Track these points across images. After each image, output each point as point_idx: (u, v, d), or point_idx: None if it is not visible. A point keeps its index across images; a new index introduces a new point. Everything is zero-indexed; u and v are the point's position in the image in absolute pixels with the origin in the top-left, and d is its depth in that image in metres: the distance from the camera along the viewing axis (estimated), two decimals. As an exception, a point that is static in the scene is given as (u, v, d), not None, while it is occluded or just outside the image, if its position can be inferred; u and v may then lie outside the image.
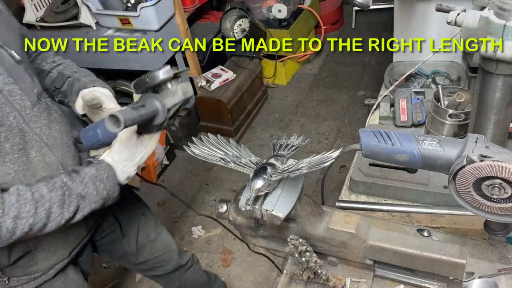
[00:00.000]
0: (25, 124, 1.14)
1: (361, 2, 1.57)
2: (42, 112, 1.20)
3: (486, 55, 1.00)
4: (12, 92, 1.11)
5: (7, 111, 1.09)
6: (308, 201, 0.98)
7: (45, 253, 1.27)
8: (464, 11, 1.04)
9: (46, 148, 1.19)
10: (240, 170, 0.91)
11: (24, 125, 1.13)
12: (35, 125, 1.17)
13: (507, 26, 0.94)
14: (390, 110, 1.80)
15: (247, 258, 2.59)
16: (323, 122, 3.50)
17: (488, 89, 1.07)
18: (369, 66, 3.95)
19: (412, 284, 1.02)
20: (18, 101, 1.13)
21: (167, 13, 2.93)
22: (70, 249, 1.33)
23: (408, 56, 2.06)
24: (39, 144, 1.17)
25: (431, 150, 0.84)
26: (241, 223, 1.05)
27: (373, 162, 1.46)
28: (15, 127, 1.11)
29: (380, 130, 0.89)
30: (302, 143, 1.02)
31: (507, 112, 1.10)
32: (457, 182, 0.82)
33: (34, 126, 1.16)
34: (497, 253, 1.00)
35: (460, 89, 1.62)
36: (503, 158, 0.76)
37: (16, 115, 1.11)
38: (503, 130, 1.16)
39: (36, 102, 1.19)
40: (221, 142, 0.97)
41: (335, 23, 4.46)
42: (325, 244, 1.00)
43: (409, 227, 1.04)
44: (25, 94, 1.15)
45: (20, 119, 1.13)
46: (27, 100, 1.15)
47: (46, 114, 1.22)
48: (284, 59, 3.82)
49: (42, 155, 1.17)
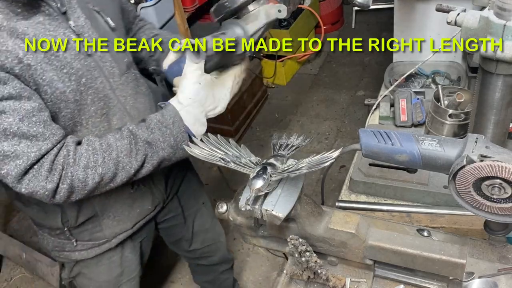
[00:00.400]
0: (111, 91, 1.16)
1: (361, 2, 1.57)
2: (130, 82, 1.22)
3: (486, 55, 1.00)
4: (103, 58, 1.14)
5: (96, 75, 1.12)
6: (308, 201, 0.98)
7: (110, 220, 1.30)
8: (464, 11, 1.04)
9: (128, 117, 1.20)
10: (240, 170, 0.91)
11: (110, 91, 1.16)
12: (121, 93, 1.18)
13: (507, 26, 0.94)
14: (390, 110, 1.80)
15: (247, 258, 2.59)
16: (323, 122, 3.50)
17: (488, 89, 1.07)
18: (369, 66, 3.95)
19: (412, 284, 1.02)
20: (107, 67, 1.15)
21: (167, 13, 2.93)
22: (134, 222, 1.36)
23: (408, 56, 2.06)
24: (121, 113, 1.19)
25: (431, 150, 0.84)
26: (241, 223, 1.05)
27: (373, 162, 1.46)
28: (101, 91, 1.13)
29: (380, 130, 0.89)
30: (302, 143, 1.02)
31: (507, 112, 1.11)
32: (457, 182, 0.82)
33: (119, 94, 1.18)
34: (497, 253, 1.00)
35: (460, 89, 1.62)
36: (503, 158, 0.76)
37: (103, 80, 1.14)
38: (503, 130, 1.16)
39: (125, 71, 1.20)
40: (221, 142, 0.97)
41: (335, 23, 4.46)
42: (325, 244, 1.00)
43: (409, 227, 1.04)
44: (115, 62, 1.17)
45: (107, 85, 1.15)
46: (116, 67, 1.17)
47: (133, 85, 1.23)
48: (284, 59, 3.82)
49: (123, 123, 1.16)
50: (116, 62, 1.17)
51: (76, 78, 1.08)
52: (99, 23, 1.16)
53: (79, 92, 1.09)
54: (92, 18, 1.15)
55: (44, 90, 1.03)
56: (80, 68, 1.08)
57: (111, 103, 1.16)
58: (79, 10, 1.12)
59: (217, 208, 1.06)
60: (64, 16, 1.09)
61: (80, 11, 1.12)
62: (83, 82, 1.09)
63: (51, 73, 1.03)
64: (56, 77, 1.04)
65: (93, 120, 1.14)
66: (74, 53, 1.08)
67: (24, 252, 2.54)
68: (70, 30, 1.08)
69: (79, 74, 1.08)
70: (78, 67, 1.08)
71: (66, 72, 1.06)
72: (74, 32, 1.09)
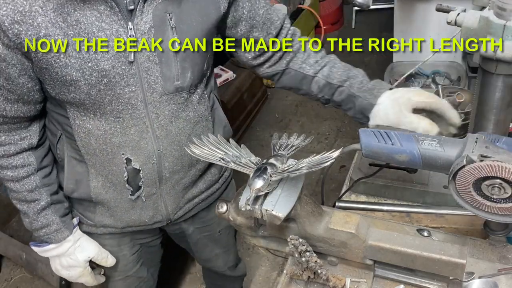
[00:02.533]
0: (142, 103, 1.10)
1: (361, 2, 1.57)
2: (172, 104, 1.14)
3: (486, 55, 1.00)
4: (149, 71, 1.07)
5: (129, 82, 1.06)
6: (308, 201, 0.98)
7: (104, 209, 1.29)
8: (464, 11, 1.03)
9: (151, 134, 1.15)
10: (240, 170, 0.91)
11: (141, 103, 1.10)
12: (154, 110, 1.13)
13: (507, 26, 0.94)
14: (390, 110, 1.80)
15: (247, 258, 2.59)
16: (323, 122, 3.50)
17: (488, 89, 1.07)
18: (369, 66, 3.95)
19: (412, 284, 1.02)
20: (150, 81, 1.09)
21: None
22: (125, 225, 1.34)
23: (408, 56, 2.06)
24: (143, 127, 1.14)
25: (431, 150, 0.84)
26: (241, 223, 1.05)
27: (373, 162, 1.46)
28: (126, 98, 1.08)
29: (380, 130, 0.89)
30: (302, 143, 1.02)
31: (507, 112, 1.10)
32: (457, 182, 0.82)
33: (152, 110, 1.12)
34: (497, 253, 1.00)
35: (460, 89, 1.62)
36: (503, 158, 0.76)
37: (137, 90, 1.08)
38: (503, 130, 1.16)
39: (169, 93, 1.12)
40: (221, 142, 0.97)
41: (335, 23, 4.46)
42: (325, 244, 1.00)
43: (409, 227, 1.04)
44: (162, 79, 1.10)
45: (141, 95, 1.09)
46: (161, 85, 1.10)
47: (175, 107, 1.15)
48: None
49: (141, 137, 1.15)
50: (163, 80, 1.10)
51: (98, 76, 1.03)
52: (165, 37, 1.07)
53: (96, 89, 1.05)
54: (160, 30, 1.06)
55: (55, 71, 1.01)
56: (107, 69, 1.03)
57: (135, 113, 1.11)
58: (151, 16, 1.03)
59: (217, 208, 1.06)
60: (129, 14, 1.02)
61: (151, 17, 1.03)
62: (105, 82, 1.05)
63: (73, 60, 1.00)
64: (77, 66, 1.01)
65: (106, 117, 1.11)
66: (113, 54, 1.02)
67: (24, 252, 2.54)
68: (125, 31, 1.02)
69: (102, 74, 1.03)
70: (105, 67, 1.03)
71: (91, 66, 1.02)
72: (127, 35, 1.02)
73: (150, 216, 1.32)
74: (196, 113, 1.22)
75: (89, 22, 0.99)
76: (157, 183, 1.24)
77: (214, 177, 1.41)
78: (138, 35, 1.04)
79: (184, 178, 1.29)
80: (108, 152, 1.16)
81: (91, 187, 1.24)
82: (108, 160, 1.18)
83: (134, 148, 1.16)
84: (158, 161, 1.20)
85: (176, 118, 1.17)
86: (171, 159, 1.22)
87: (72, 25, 0.98)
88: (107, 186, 1.23)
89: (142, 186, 1.23)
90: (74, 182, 1.24)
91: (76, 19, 0.97)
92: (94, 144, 1.15)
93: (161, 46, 1.07)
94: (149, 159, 1.19)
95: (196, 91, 1.20)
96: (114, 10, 1.00)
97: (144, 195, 1.25)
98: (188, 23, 1.09)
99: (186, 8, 1.08)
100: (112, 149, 1.15)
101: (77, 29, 0.98)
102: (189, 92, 1.17)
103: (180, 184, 1.30)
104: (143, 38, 1.04)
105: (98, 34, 1.00)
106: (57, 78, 1.03)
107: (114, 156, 1.17)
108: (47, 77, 1.04)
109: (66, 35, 0.98)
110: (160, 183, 1.25)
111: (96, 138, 1.14)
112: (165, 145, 1.19)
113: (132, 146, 1.16)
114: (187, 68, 1.13)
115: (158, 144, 1.17)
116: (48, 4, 0.95)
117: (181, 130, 1.20)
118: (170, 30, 1.07)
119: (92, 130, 1.13)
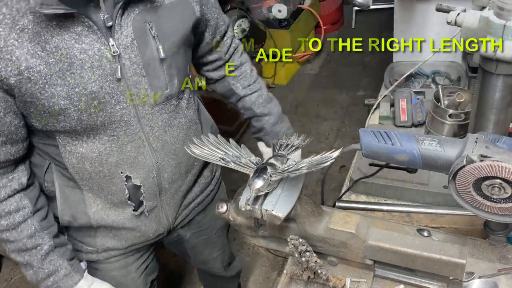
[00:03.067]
0: (135, 118, 1.08)
1: (361, 2, 1.57)
2: (164, 113, 1.13)
3: (486, 55, 0.99)
4: (137, 84, 1.04)
5: (120, 99, 1.03)
6: (308, 201, 0.98)
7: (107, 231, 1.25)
8: (464, 11, 1.03)
9: (148, 148, 1.13)
10: (240, 170, 0.91)
11: (134, 119, 1.08)
12: (148, 123, 1.11)
13: (507, 26, 0.94)
14: (390, 110, 1.80)
15: (246, 258, 2.59)
16: (323, 122, 3.50)
17: (488, 89, 1.07)
18: (369, 66, 3.95)
19: (412, 284, 1.02)
20: (140, 94, 1.06)
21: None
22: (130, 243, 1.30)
23: (408, 56, 2.06)
24: (139, 142, 1.12)
25: (431, 150, 0.84)
26: (241, 223, 1.05)
27: (373, 162, 1.46)
28: (118, 116, 1.05)
29: (380, 130, 0.89)
30: (302, 143, 1.02)
31: (507, 112, 1.10)
32: (457, 182, 0.82)
33: (145, 124, 1.10)
34: (497, 253, 1.00)
35: (460, 89, 1.62)
36: (503, 158, 0.76)
37: (129, 106, 1.05)
38: (503, 130, 1.16)
39: (161, 102, 1.11)
40: (221, 142, 0.97)
41: (335, 23, 4.46)
42: (325, 244, 1.00)
43: (409, 227, 1.04)
44: (151, 90, 1.07)
45: (133, 111, 1.07)
46: (151, 97, 1.08)
47: (167, 116, 1.14)
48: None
49: (138, 152, 1.12)
50: (153, 91, 1.07)
51: (87, 100, 0.99)
52: (148, 48, 1.04)
53: (87, 114, 1.01)
54: (142, 41, 1.03)
55: (41, 103, 0.96)
56: (96, 91, 0.99)
57: (129, 129, 1.08)
58: (131, 29, 1.00)
59: (217, 208, 1.06)
60: (108, 31, 0.98)
61: (131, 29, 1.00)
62: (95, 105, 1.01)
63: (59, 88, 0.96)
64: (64, 93, 0.96)
65: (100, 138, 1.07)
66: (99, 74, 0.98)
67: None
68: (108, 48, 0.98)
69: (91, 97, 0.99)
70: (94, 90, 0.99)
71: (78, 91, 0.97)
72: (110, 52, 0.98)
73: (154, 230, 1.29)
74: (186, 118, 1.21)
75: (69, 46, 0.94)
76: (157, 195, 1.22)
77: (207, 179, 1.40)
78: (121, 50, 1.00)
79: (182, 185, 1.28)
80: (105, 173, 1.12)
81: (91, 214, 1.19)
82: (106, 181, 1.14)
83: (132, 164, 1.13)
84: (157, 173, 1.18)
85: (170, 126, 1.16)
86: (169, 169, 1.20)
87: (52, 53, 0.93)
88: (107, 207, 1.19)
89: (144, 201, 1.20)
90: (70, 213, 1.18)
91: (55, 45, 0.93)
92: (89, 168, 1.11)
93: (146, 57, 1.04)
94: (149, 173, 1.16)
95: (184, 96, 1.19)
96: (93, 29, 0.96)
97: (147, 210, 1.23)
98: (168, 29, 1.07)
99: (164, 14, 1.06)
100: (109, 170, 1.11)
101: (58, 56, 0.94)
102: (178, 99, 1.16)
103: (179, 193, 1.28)
104: (127, 54, 1.01)
105: (81, 57, 0.96)
106: (43, 110, 0.98)
107: (113, 176, 1.13)
108: (33, 110, 0.99)
109: (48, 64, 0.93)
110: (160, 195, 1.23)
111: (90, 161, 1.09)
112: (163, 156, 1.17)
113: (130, 163, 1.12)
114: (174, 74, 1.11)
115: (156, 157, 1.15)
116: (23, 35, 0.90)
117: (175, 138, 1.19)
118: (153, 39, 1.04)
119: (85, 154, 1.08)
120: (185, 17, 1.12)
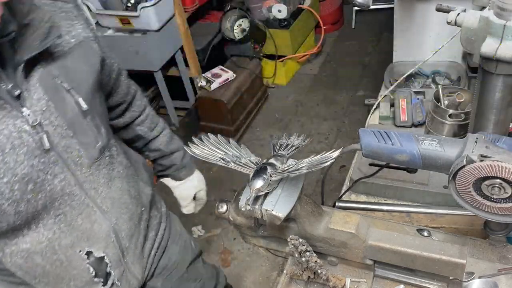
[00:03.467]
0: (77, 186, 0.97)
1: (361, 2, 1.57)
2: (102, 169, 1.03)
3: (486, 55, 1.00)
4: (68, 148, 0.94)
5: (56, 171, 0.92)
6: (308, 201, 0.98)
7: None
8: (464, 11, 1.03)
9: (99, 213, 1.03)
10: (240, 170, 0.91)
11: (76, 187, 0.97)
12: (91, 185, 1.00)
13: (507, 26, 0.94)
14: (390, 110, 1.80)
15: (246, 258, 2.59)
16: (323, 122, 3.50)
17: (488, 89, 1.07)
18: (369, 66, 3.95)
19: (412, 284, 1.02)
20: (74, 158, 0.95)
21: (167, 13, 2.93)
22: None
23: (408, 56, 2.06)
24: (89, 210, 1.01)
25: (431, 150, 0.84)
26: (241, 223, 1.05)
27: (373, 162, 1.46)
28: (59, 191, 0.94)
29: (380, 130, 0.89)
30: (302, 143, 1.02)
31: (507, 112, 1.10)
32: (457, 182, 0.82)
33: (88, 188, 1.00)
34: (497, 253, 1.00)
35: (460, 89, 1.62)
36: (503, 158, 0.76)
37: (67, 175, 0.95)
38: (503, 130, 1.16)
39: (96, 158, 1.01)
40: (221, 142, 0.97)
41: (335, 23, 4.46)
42: (325, 244, 1.00)
43: (409, 227, 1.04)
44: (84, 150, 0.97)
45: (72, 180, 0.96)
46: (86, 156, 0.98)
47: (106, 171, 1.05)
48: (284, 59, 3.82)
49: (91, 222, 1.02)
50: (85, 150, 0.97)
51: (21, 187, 0.86)
52: (66, 105, 0.93)
53: (24, 202, 0.88)
54: (58, 99, 0.91)
55: None
56: (28, 172, 0.86)
57: (74, 201, 0.97)
58: (41, 90, 0.88)
59: (217, 208, 1.06)
60: (17, 101, 0.85)
61: (41, 90, 0.89)
62: (31, 189, 0.88)
63: None
64: None
65: (44, 222, 0.94)
66: (24, 152, 0.86)
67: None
68: (24, 120, 0.85)
69: (25, 181, 0.86)
70: (25, 172, 0.86)
71: (7, 181, 0.84)
72: (28, 123, 0.86)
73: None
74: (121, 165, 1.13)
75: None
76: (121, 258, 1.12)
77: (157, 219, 1.32)
78: (39, 116, 0.88)
79: (139, 237, 1.20)
80: (62, 260, 1.00)
81: None
82: (65, 269, 1.01)
83: (89, 237, 1.03)
84: (116, 235, 1.08)
85: (112, 181, 1.07)
86: (125, 226, 1.12)
87: None
88: None
89: (111, 271, 1.10)
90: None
91: None
92: (41, 262, 0.98)
93: (68, 116, 0.93)
94: (108, 239, 1.07)
95: (112, 143, 1.10)
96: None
97: (117, 279, 1.12)
98: (79, 78, 0.97)
99: (69, 63, 0.96)
100: (66, 254, 1.00)
101: None
102: (109, 149, 1.07)
103: (138, 246, 1.19)
104: (46, 119, 0.89)
105: None
106: None
107: (71, 259, 1.01)
108: None
109: None
110: (124, 257, 1.13)
111: (41, 254, 0.96)
112: (116, 215, 1.08)
113: (87, 237, 1.02)
114: (99, 124, 1.03)
115: (109, 218, 1.06)
116: None
117: (121, 190, 1.10)
118: (67, 93, 0.93)
119: (32, 248, 0.95)
120: (90, 59, 1.03)
